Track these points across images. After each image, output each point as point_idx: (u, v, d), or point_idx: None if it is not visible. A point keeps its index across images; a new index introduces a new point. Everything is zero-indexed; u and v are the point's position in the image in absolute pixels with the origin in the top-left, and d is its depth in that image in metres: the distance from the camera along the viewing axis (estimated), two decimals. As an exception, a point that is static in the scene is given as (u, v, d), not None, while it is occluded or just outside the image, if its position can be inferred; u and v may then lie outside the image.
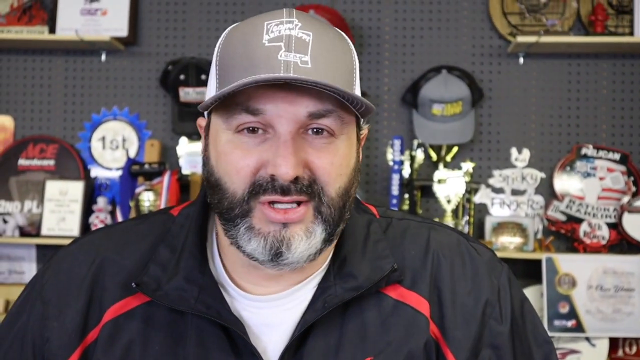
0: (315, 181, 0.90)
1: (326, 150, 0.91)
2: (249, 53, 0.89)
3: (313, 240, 0.91)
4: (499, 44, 2.99)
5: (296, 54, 0.87)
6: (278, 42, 0.88)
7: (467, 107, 2.86)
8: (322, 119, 0.89)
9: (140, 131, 3.05)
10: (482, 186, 2.92)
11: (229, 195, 0.91)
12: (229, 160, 0.90)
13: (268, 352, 0.96)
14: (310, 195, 0.90)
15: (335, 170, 0.91)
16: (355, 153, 0.96)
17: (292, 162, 0.87)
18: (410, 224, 1.06)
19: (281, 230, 0.90)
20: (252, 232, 0.90)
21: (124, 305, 0.98)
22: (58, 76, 3.09)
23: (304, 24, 0.90)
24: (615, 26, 2.94)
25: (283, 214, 0.89)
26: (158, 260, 0.99)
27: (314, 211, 0.91)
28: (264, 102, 0.88)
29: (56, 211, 2.91)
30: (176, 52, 3.05)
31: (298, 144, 0.89)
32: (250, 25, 0.92)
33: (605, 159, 2.92)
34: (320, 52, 0.89)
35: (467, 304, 1.00)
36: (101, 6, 3.02)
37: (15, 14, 3.03)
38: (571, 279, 2.73)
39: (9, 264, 3.02)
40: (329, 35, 0.92)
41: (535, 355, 1.02)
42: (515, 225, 2.84)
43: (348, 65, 0.93)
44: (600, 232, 2.83)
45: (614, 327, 2.71)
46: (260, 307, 0.98)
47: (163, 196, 2.74)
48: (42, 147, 3.04)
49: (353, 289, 0.96)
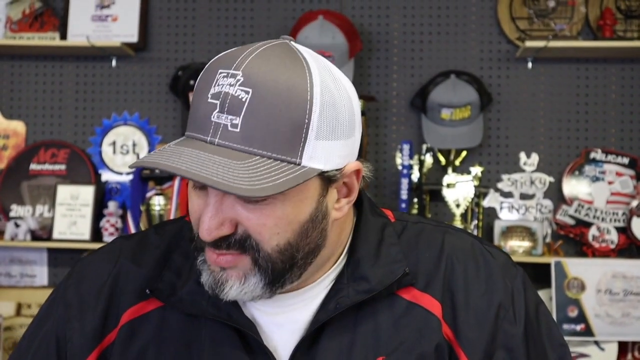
0: (250, 236, 0.90)
1: (258, 211, 0.88)
2: (196, 106, 0.89)
3: (247, 287, 0.92)
4: (508, 49, 3.00)
5: (228, 116, 0.85)
6: (216, 100, 0.86)
7: (475, 111, 2.87)
8: None
9: (150, 136, 3.07)
10: (490, 190, 2.93)
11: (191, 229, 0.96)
12: (189, 201, 0.94)
13: (280, 350, 0.98)
14: (243, 250, 0.90)
15: (268, 231, 0.89)
16: (310, 206, 0.91)
17: (210, 225, 0.88)
18: (425, 227, 1.07)
19: (219, 271, 0.92)
20: (204, 266, 0.94)
21: (139, 309, 1.01)
22: (69, 82, 3.12)
23: (245, 79, 0.86)
24: (624, 31, 2.95)
25: (216, 258, 0.91)
26: (173, 268, 1.02)
27: (251, 262, 0.91)
28: None
29: (67, 215, 2.93)
30: (186, 58, 3.08)
31: (227, 204, 0.89)
32: (211, 69, 0.90)
33: (614, 163, 2.92)
34: (254, 113, 0.85)
35: (480, 306, 1.00)
36: (112, 12, 3.05)
37: (27, 20, 3.06)
38: (580, 283, 2.73)
39: (21, 267, 3.05)
40: (274, 91, 0.86)
41: (550, 357, 1.02)
42: (524, 230, 2.85)
43: (294, 122, 0.86)
44: (609, 236, 2.83)
45: (623, 331, 2.72)
46: (272, 306, 0.99)
47: (173, 200, 2.76)
48: (54, 151, 3.06)
49: (365, 292, 0.97)
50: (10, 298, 2.96)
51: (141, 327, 1.00)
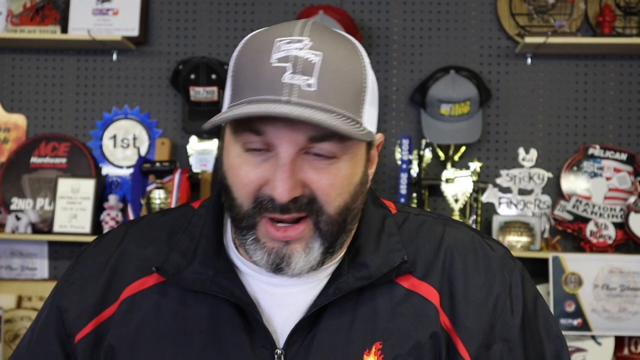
0: (315, 200, 0.92)
1: (327, 171, 0.92)
2: (257, 72, 0.90)
3: (311, 256, 0.95)
4: (507, 45, 3.01)
5: (302, 76, 0.88)
6: (284, 63, 0.89)
7: (475, 107, 2.89)
8: (322, 143, 0.91)
9: (150, 130, 3.09)
10: (489, 186, 2.95)
11: (237, 206, 0.95)
12: (236, 174, 0.94)
13: (279, 331, 0.99)
14: (309, 212, 0.93)
15: (335, 191, 0.93)
16: (361, 169, 0.97)
17: (288, 185, 0.90)
18: (426, 220, 1.09)
19: (282, 247, 0.94)
20: (257, 244, 0.95)
21: (140, 284, 1.04)
22: (70, 75, 3.13)
23: (314, 43, 0.91)
24: (623, 27, 2.96)
25: (283, 232, 0.93)
26: (179, 248, 1.04)
27: (313, 227, 0.94)
28: (265, 124, 0.90)
29: (68, 208, 2.94)
30: (187, 52, 3.09)
31: (297, 165, 0.91)
32: (262, 41, 0.93)
33: (612, 159, 2.94)
34: (327, 74, 0.89)
35: (478, 298, 1.02)
36: (112, 6, 3.05)
37: (28, 13, 3.06)
38: (577, 278, 2.75)
39: (22, 260, 3.06)
40: (340, 54, 0.92)
41: (547, 350, 1.03)
42: (522, 225, 2.86)
43: (357, 84, 0.93)
44: (606, 231, 2.85)
45: (620, 325, 2.73)
46: (275, 285, 1.01)
47: (174, 194, 2.77)
48: (54, 145, 3.07)
49: (364, 278, 0.99)
50: (11, 291, 2.97)
51: (141, 301, 1.03)
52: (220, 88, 2.93)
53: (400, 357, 0.98)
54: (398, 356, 0.98)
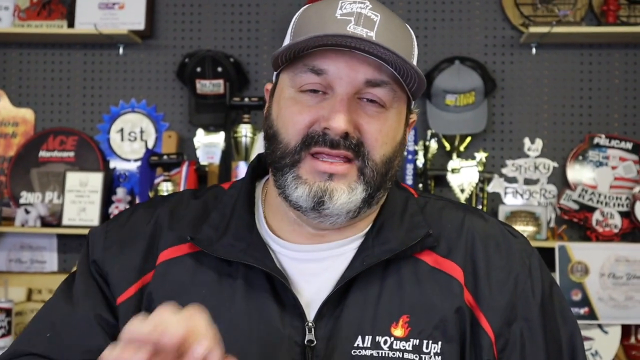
0: (363, 144, 0.98)
1: (376, 117, 0.99)
2: (322, 22, 0.98)
3: (354, 197, 0.98)
4: (512, 35, 3.02)
5: (363, 29, 0.96)
6: (349, 17, 0.97)
7: (480, 97, 2.89)
8: (376, 89, 0.98)
9: (157, 123, 3.10)
10: (495, 176, 2.95)
11: (282, 146, 1.00)
12: (287, 114, 1.00)
13: (310, 303, 1.02)
14: (356, 155, 0.98)
15: (382, 138, 0.99)
16: (402, 128, 1.04)
17: (344, 117, 0.96)
18: (447, 204, 1.14)
19: (326, 181, 0.98)
20: (298, 181, 0.99)
21: (176, 250, 1.07)
22: (77, 69, 3.15)
23: (374, 6, 0.99)
24: (628, 16, 2.96)
25: (329, 165, 0.97)
26: (211, 223, 1.07)
27: (357, 171, 0.99)
28: (328, 64, 0.97)
29: (76, 202, 2.97)
30: (192, 45, 3.10)
31: (352, 106, 0.97)
32: (325, 3, 1.01)
33: (618, 148, 2.94)
34: (385, 31, 0.97)
35: (500, 278, 1.05)
36: (119, 0, 3.07)
37: (35, 8, 3.08)
38: (584, 267, 2.76)
39: (31, 253, 3.09)
40: (395, 21, 1.01)
41: (562, 334, 1.07)
42: (528, 214, 2.87)
43: (408, 48, 1.01)
44: (612, 220, 2.85)
45: (626, 314, 2.74)
46: (304, 259, 1.05)
47: (181, 186, 2.79)
48: (62, 139, 3.10)
49: (389, 250, 1.03)
50: (21, 284, 3.00)
51: (177, 266, 1.06)
52: (226, 81, 2.95)
53: (426, 330, 1.01)
54: (424, 330, 1.01)
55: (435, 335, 1.01)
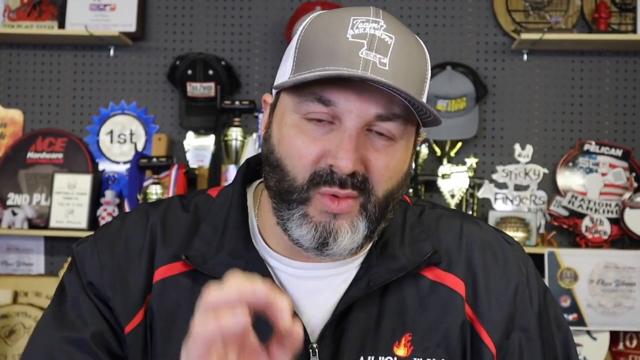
0: (368, 180, 0.93)
1: (385, 152, 0.93)
2: (332, 44, 0.91)
3: (356, 236, 0.94)
4: (503, 41, 3.02)
5: (376, 54, 0.90)
6: (361, 40, 0.90)
7: (471, 103, 2.89)
8: (387, 123, 0.92)
9: (147, 125, 3.09)
10: (485, 181, 2.96)
11: (290, 179, 0.94)
12: (293, 145, 0.93)
13: (311, 323, 0.99)
14: (360, 191, 0.93)
15: (388, 173, 0.94)
16: (409, 157, 0.99)
17: (353, 157, 0.90)
18: (443, 213, 1.11)
19: (331, 221, 0.93)
20: (305, 219, 0.93)
21: (170, 269, 1.02)
22: (67, 71, 3.13)
23: (388, 27, 0.92)
24: (619, 24, 2.97)
25: (337, 204, 0.92)
26: (202, 236, 1.02)
27: (360, 207, 0.94)
28: (337, 95, 0.90)
29: (64, 204, 2.94)
30: (184, 47, 3.09)
31: (361, 141, 0.92)
32: (336, 17, 0.94)
33: (608, 155, 2.95)
34: (399, 56, 0.91)
35: (499, 288, 1.04)
36: (110, 2, 3.05)
37: (26, 9, 3.06)
38: (573, 273, 2.76)
39: (18, 255, 3.06)
40: (410, 42, 0.94)
41: (557, 339, 1.06)
42: (518, 220, 2.87)
43: (422, 73, 0.95)
44: (602, 227, 2.86)
45: (615, 321, 2.75)
46: (305, 276, 1.01)
47: (171, 189, 2.77)
48: (51, 140, 3.07)
49: (397, 270, 1.00)
50: (7, 286, 2.97)
51: (172, 287, 1.01)
52: (217, 84, 2.94)
53: (429, 349, 0.99)
54: (428, 348, 0.99)
55: (439, 352, 0.99)
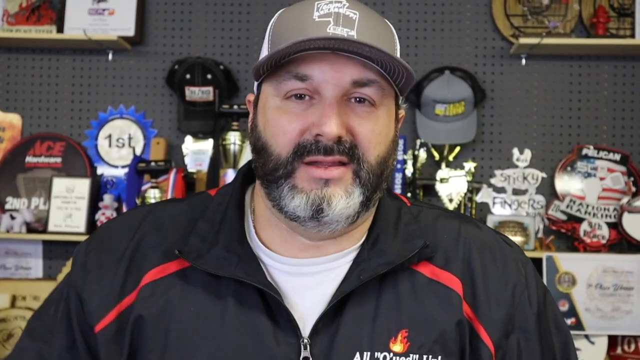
0: (356, 146, 0.96)
1: (367, 117, 0.96)
2: (300, 26, 0.95)
3: (352, 201, 0.96)
4: (502, 45, 3.03)
5: (343, 28, 0.94)
6: (327, 18, 0.95)
7: (469, 107, 2.90)
8: (364, 88, 0.96)
9: (146, 129, 3.09)
10: (483, 186, 2.96)
11: (274, 157, 0.97)
12: (276, 125, 0.97)
13: (304, 319, 0.99)
14: (350, 158, 0.95)
15: (375, 138, 0.97)
16: (393, 126, 1.01)
17: (336, 121, 0.93)
18: (441, 214, 1.12)
19: (322, 187, 0.95)
20: (295, 191, 0.96)
21: (162, 270, 1.03)
22: (66, 75, 3.13)
23: (351, 5, 0.97)
24: (617, 28, 2.97)
25: (324, 170, 0.95)
26: (198, 233, 1.04)
27: (353, 174, 0.96)
28: (312, 69, 0.94)
29: (63, 208, 2.94)
30: (182, 52, 3.09)
31: (342, 108, 0.95)
32: (300, 5, 0.99)
33: (606, 159, 2.95)
34: (365, 28, 0.95)
35: (498, 288, 1.04)
36: (108, 6, 3.06)
37: (24, 13, 3.06)
38: (571, 278, 2.76)
39: (16, 259, 3.06)
40: (374, 17, 0.99)
41: (556, 342, 1.06)
42: (517, 224, 2.87)
43: (391, 43, 1.00)
44: (600, 231, 2.86)
45: (613, 325, 2.75)
46: (297, 272, 1.02)
47: (169, 193, 2.77)
48: (49, 144, 3.07)
49: (386, 263, 1.00)
50: (5, 290, 2.97)
51: (164, 287, 1.02)
52: (215, 88, 2.94)
53: (426, 345, 0.99)
54: (424, 344, 0.99)
55: (435, 349, 0.99)
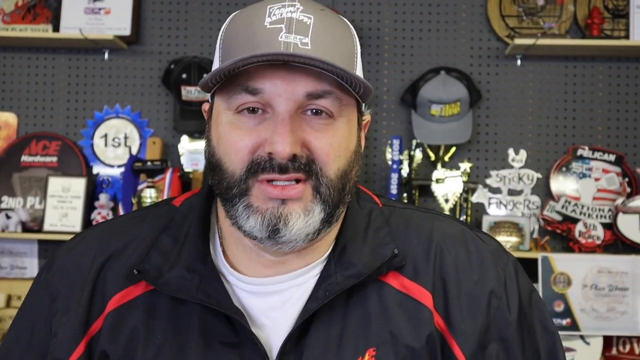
0: (314, 161, 0.90)
1: (324, 131, 0.91)
2: (250, 34, 0.89)
3: (311, 219, 0.91)
4: (497, 46, 3.03)
5: (296, 36, 0.88)
6: (279, 24, 0.88)
7: (465, 107, 2.90)
8: (320, 100, 0.90)
9: (142, 129, 3.09)
10: (479, 186, 2.96)
11: (228, 175, 0.91)
12: (228, 141, 0.91)
13: (270, 341, 0.96)
14: (308, 174, 0.90)
15: (334, 152, 0.91)
16: (355, 136, 0.96)
17: (289, 139, 0.88)
18: (413, 214, 1.06)
19: (279, 206, 0.90)
20: (250, 210, 0.91)
21: (126, 295, 0.99)
22: (61, 74, 3.13)
23: (305, 8, 0.91)
24: (611, 29, 2.98)
25: (281, 190, 0.89)
26: (160, 249, 0.99)
27: (312, 190, 0.91)
28: (263, 82, 0.89)
29: (58, 207, 2.94)
30: (178, 51, 3.09)
31: (296, 123, 0.89)
32: (253, 9, 0.93)
33: (601, 160, 2.96)
34: (320, 34, 0.89)
35: (473, 295, 0.98)
36: (105, 5, 3.06)
37: (20, 12, 3.06)
38: (566, 278, 2.77)
39: (12, 259, 3.05)
40: (330, 20, 0.92)
41: (541, 345, 1.01)
42: (512, 225, 2.88)
43: (349, 49, 0.93)
44: (595, 232, 2.87)
45: (608, 325, 2.75)
46: (263, 292, 0.97)
47: (165, 193, 2.77)
48: (45, 143, 3.07)
49: (353, 276, 0.95)
50: (1, 290, 2.96)
51: (129, 313, 0.98)
52: (211, 87, 2.94)
53: None
54: None
55: None
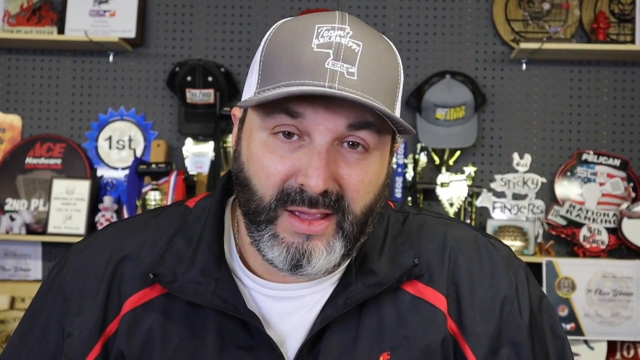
0: (343, 197, 0.88)
1: (358, 166, 0.89)
2: (296, 56, 0.86)
3: (332, 256, 0.90)
4: (502, 50, 3.03)
5: (344, 64, 0.85)
6: (327, 49, 0.86)
7: (470, 111, 2.90)
8: (360, 131, 0.88)
9: (146, 131, 3.09)
10: (483, 190, 2.96)
11: (257, 199, 0.90)
12: (261, 164, 0.89)
13: (286, 345, 0.96)
14: (335, 210, 0.88)
15: (364, 188, 0.89)
16: (386, 168, 0.94)
17: (324, 175, 0.85)
18: (426, 219, 1.06)
19: (304, 242, 0.89)
20: (276, 240, 0.89)
21: (142, 296, 0.98)
22: (66, 76, 3.13)
23: (355, 33, 0.88)
24: (617, 34, 2.98)
25: (307, 225, 0.88)
26: (174, 251, 0.99)
27: (336, 226, 0.89)
28: (305, 107, 0.86)
29: (62, 209, 2.94)
30: (183, 54, 3.09)
31: (332, 157, 0.87)
32: (300, 24, 0.90)
33: (606, 164, 2.96)
34: (367, 64, 0.86)
35: (485, 300, 0.99)
36: (110, 7, 3.06)
37: (25, 14, 3.06)
38: (571, 283, 2.76)
39: (15, 261, 3.05)
40: (379, 47, 0.89)
41: (551, 350, 1.01)
42: (516, 229, 2.87)
43: (393, 80, 0.91)
44: (599, 237, 2.86)
45: (613, 330, 2.75)
46: (279, 297, 0.97)
47: (169, 196, 2.77)
48: (50, 146, 3.07)
49: (375, 285, 0.96)
50: (4, 292, 2.96)
51: (145, 315, 0.97)
52: (216, 90, 2.94)
53: None
54: None
55: None
